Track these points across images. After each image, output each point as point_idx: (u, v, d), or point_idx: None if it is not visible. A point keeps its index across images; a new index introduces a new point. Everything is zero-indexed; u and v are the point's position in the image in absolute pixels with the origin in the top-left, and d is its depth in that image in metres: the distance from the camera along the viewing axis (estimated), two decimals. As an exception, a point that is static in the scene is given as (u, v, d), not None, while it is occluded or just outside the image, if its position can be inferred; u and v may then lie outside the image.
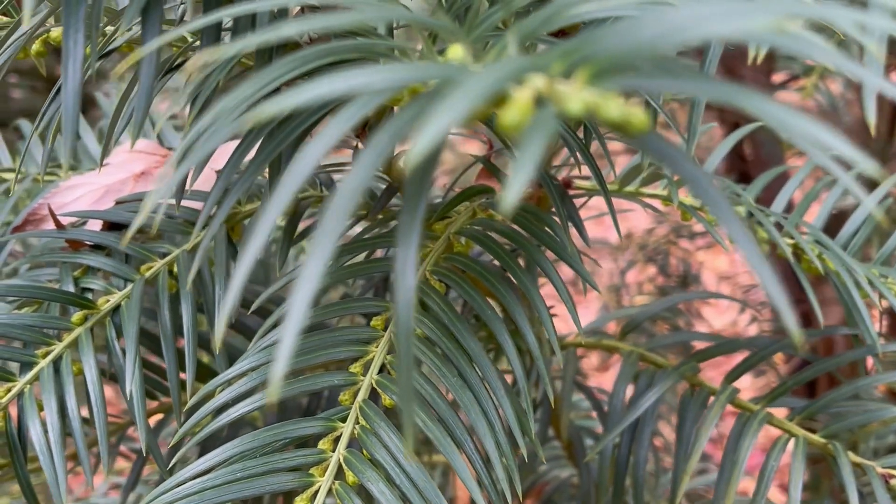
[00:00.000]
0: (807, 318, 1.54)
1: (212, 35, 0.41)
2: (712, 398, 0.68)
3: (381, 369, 0.52)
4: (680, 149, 0.24)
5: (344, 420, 0.50)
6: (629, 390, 0.73)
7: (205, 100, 0.40)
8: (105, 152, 0.47)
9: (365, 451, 0.49)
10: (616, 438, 0.72)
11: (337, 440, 0.49)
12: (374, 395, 0.51)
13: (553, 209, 0.66)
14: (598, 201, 0.76)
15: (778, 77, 1.48)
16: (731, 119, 2.00)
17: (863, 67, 0.22)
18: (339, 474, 0.48)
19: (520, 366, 0.52)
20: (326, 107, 0.41)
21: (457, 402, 0.50)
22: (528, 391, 0.52)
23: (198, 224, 0.44)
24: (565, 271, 0.58)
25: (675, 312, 1.71)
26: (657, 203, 0.72)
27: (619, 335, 0.80)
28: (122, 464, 1.12)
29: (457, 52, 0.33)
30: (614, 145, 0.73)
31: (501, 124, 0.24)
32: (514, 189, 0.21)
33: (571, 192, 0.68)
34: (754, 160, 2.12)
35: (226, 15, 0.35)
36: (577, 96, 0.23)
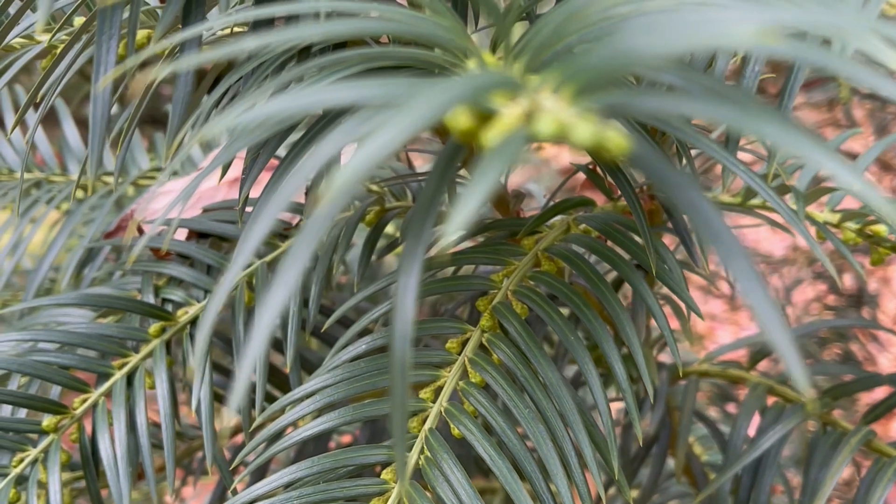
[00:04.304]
0: None
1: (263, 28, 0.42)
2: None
3: (454, 396, 0.51)
4: (680, 171, 0.22)
5: (409, 449, 0.50)
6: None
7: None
8: (168, 156, 0.48)
9: (427, 485, 0.48)
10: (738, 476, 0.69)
11: (401, 470, 0.49)
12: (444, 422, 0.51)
13: (667, 224, 0.64)
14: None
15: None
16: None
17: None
18: (401, 508, 0.48)
19: (603, 398, 0.51)
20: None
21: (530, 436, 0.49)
22: (611, 424, 0.50)
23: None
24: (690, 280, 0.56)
25: (845, 337, 1.62)
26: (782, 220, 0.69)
27: (747, 364, 0.77)
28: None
29: (489, 59, 0.32)
30: (744, 155, 0.70)
31: (483, 144, 0.23)
32: (460, 216, 0.20)
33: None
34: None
35: (278, 12, 0.36)
36: (550, 116, 0.21)
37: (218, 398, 0.72)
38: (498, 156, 0.21)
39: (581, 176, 0.69)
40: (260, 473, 0.69)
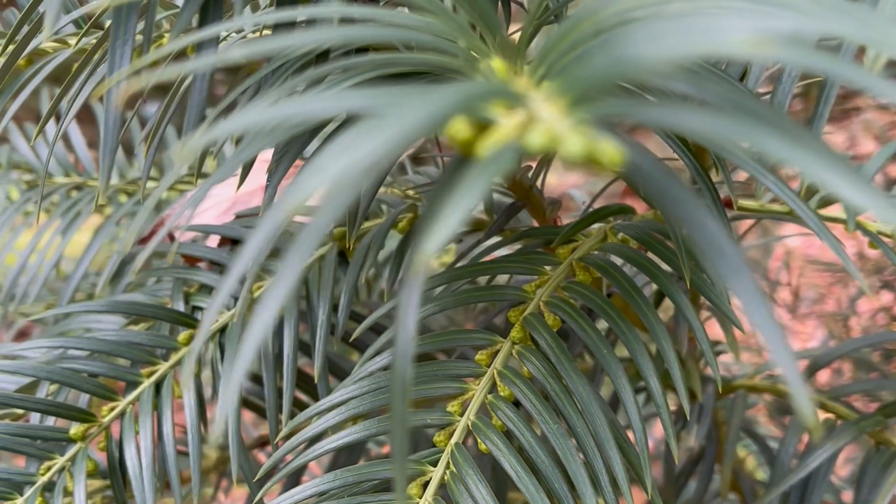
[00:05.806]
0: None
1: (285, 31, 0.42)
2: (898, 460, 0.62)
3: (482, 410, 0.51)
4: (681, 184, 0.21)
5: (435, 464, 0.49)
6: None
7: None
8: (180, 161, 0.48)
9: (452, 501, 0.48)
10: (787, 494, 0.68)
11: (426, 485, 0.49)
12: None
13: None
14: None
15: None
16: None
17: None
18: (425, 525, 0.48)
19: (636, 413, 0.50)
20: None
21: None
22: (644, 441, 0.49)
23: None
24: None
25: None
26: (838, 228, 0.67)
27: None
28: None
29: (497, 66, 0.31)
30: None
31: (477, 156, 0.23)
32: (440, 233, 0.19)
33: (731, 214, 0.64)
34: None
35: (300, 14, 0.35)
36: (542, 128, 0.21)
37: (250, 406, 0.72)
38: (485, 169, 0.21)
39: (623, 182, 0.68)
40: (293, 482, 0.68)
